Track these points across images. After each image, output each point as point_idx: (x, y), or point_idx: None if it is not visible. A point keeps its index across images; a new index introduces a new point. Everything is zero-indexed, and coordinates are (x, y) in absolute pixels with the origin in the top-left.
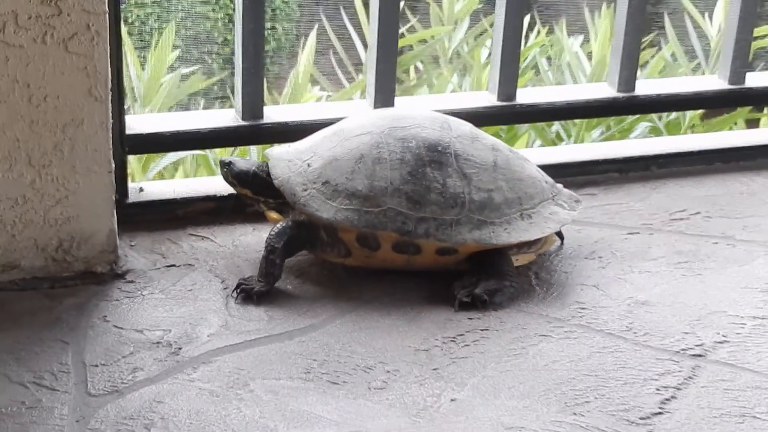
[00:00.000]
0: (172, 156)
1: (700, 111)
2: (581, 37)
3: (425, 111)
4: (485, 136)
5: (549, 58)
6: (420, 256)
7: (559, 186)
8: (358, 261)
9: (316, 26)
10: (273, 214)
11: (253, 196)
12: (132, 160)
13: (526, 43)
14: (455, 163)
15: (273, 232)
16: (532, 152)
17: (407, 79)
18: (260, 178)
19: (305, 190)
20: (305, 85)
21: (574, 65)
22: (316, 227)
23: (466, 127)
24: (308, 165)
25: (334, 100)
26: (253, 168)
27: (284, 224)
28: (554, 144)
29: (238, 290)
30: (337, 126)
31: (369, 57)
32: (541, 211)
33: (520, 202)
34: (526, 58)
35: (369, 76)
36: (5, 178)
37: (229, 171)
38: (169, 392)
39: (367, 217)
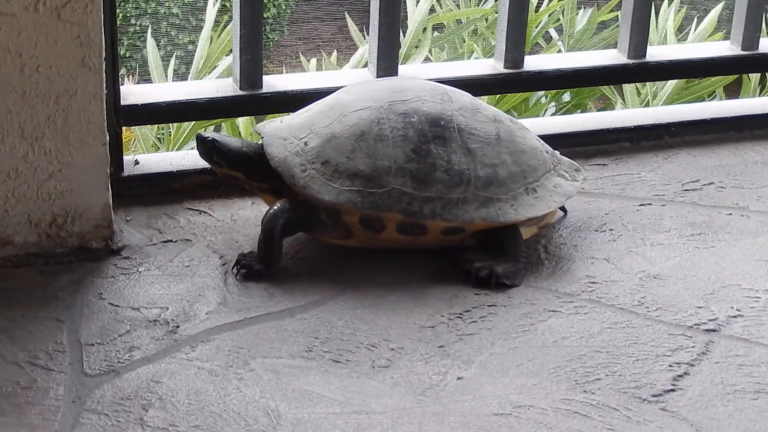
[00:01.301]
0: None
1: (724, 82)
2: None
3: (423, 81)
4: (486, 107)
5: (560, 28)
6: (425, 236)
7: (559, 155)
8: (360, 242)
9: None
10: (268, 197)
11: (245, 179)
12: None
13: (537, 9)
14: (459, 138)
15: (270, 214)
16: (541, 121)
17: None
18: (251, 158)
19: (304, 171)
20: None
21: (587, 35)
22: (316, 208)
23: (467, 98)
24: (305, 143)
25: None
26: (243, 147)
27: (281, 205)
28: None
29: (239, 266)
30: (333, 99)
31: (371, 23)
32: (545, 184)
33: (525, 176)
34: (537, 25)
35: (371, 44)
36: None
37: (213, 149)
38: (166, 372)
39: (371, 199)
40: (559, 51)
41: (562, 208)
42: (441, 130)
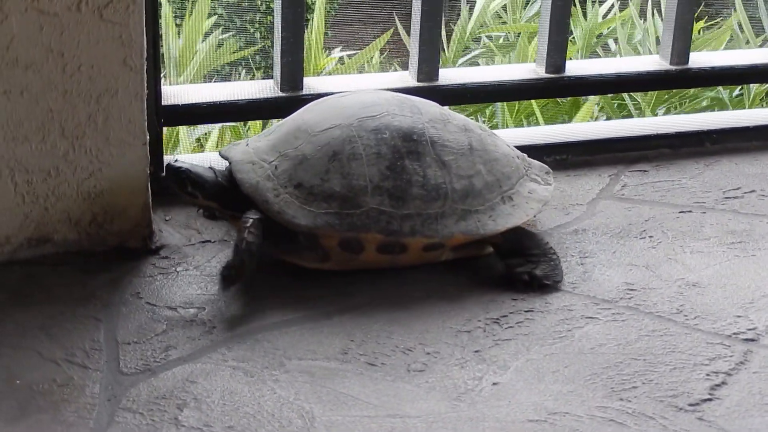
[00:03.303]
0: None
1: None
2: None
3: (389, 94)
4: (455, 116)
5: (615, 40)
6: (405, 255)
7: (528, 158)
8: (338, 265)
9: None
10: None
11: (220, 208)
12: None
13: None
14: (432, 151)
15: (246, 223)
16: (580, 126)
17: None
18: (225, 187)
19: (278, 196)
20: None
21: (646, 42)
22: (293, 232)
23: (435, 108)
24: (275, 167)
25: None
26: (217, 176)
27: (254, 215)
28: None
29: (221, 276)
30: (297, 120)
31: (413, 26)
32: (520, 191)
33: (500, 185)
34: (599, 34)
35: (413, 46)
36: (38, 149)
37: (188, 180)
38: (202, 372)
39: (349, 221)
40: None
41: None
42: (414, 145)
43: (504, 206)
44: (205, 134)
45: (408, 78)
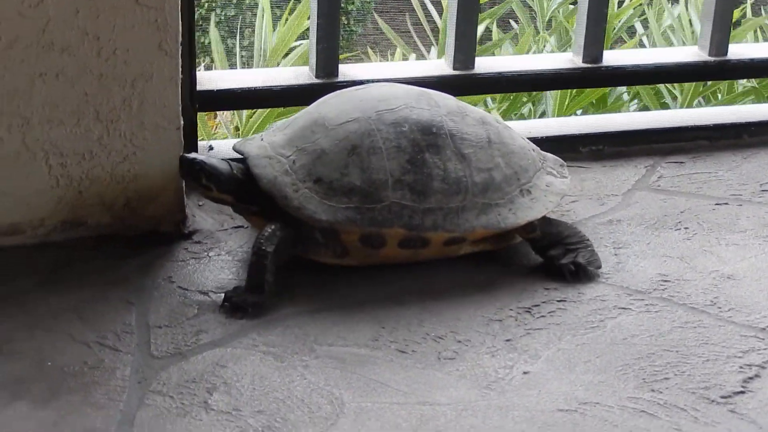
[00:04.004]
0: None
1: None
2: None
3: (405, 87)
4: (472, 110)
5: (645, 22)
6: (426, 249)
7: (542, 151)
8: (357, 260)
9: None
10: (258, 219)
11: (235, 202)
12: None
13: (621, 4)
14: (452, 144)
15: (260, 239)
16: (616, 117)
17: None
18: (241, 181)
19: (297, 191)
20: None
21: (676, 30)
22: (311, 229)
23: (452, 101)
24: (293, 161)
25: None
26: (233, 169)
27: (272, 228)
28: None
29: (230, 305)
30: (313, 113)
31: (449, 14)
32: (537, 184)
33: (518, 178)
34: (620, 19)
35: (449, 35)
36: (73, 132)
37: (202, 172)
38: (232, 356)
39: (370, 215)
40: (639, 45)
41: None
42: (434, 138)
43: (523, 199)
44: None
45: (444, 66)
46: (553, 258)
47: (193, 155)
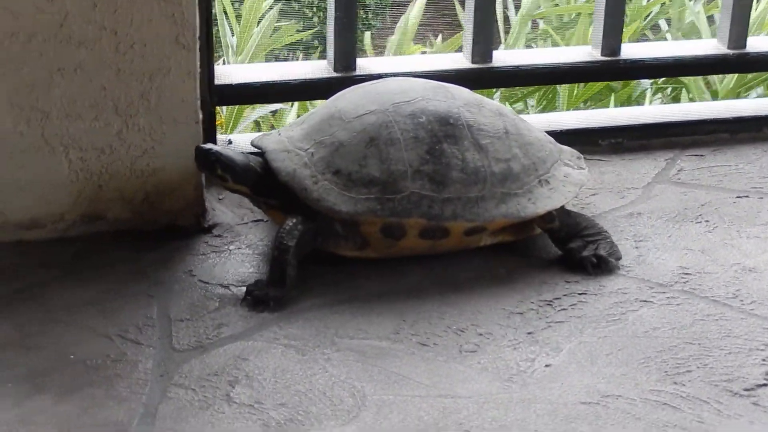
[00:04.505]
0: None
1: None
2: None
3: (420, 80)
4: (488, 101)
5: (669, 19)
6: (446, 240)
7: (560, 145)
8: (378, 252)
9: None
10: (277, 214)
11: (251, 194)
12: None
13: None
14: (470, 135)
15: (282, 232)
16: (636, 110)
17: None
18: (257, 173)
19: (316, 183)
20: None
21: (698, 25)
22: (331, 221)
23: (467, 92)
24: (312, 154)
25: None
26: (249, 161)
27: (293, 222)
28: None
29: (252, 299)
30: (330, 108)
31: (467, 8)
32: (555, 175)
33: (536, 168)
34: (647, 16)
35: (466, 28)
36: (92, 127)
37: (217, 162)
38: (254, 349)
39: (390, 205)
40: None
41: None
42: (451, 129)
43: (542, 189)
44: None
45: (462, 60)
46: (574, 251)
47: (209, 145)
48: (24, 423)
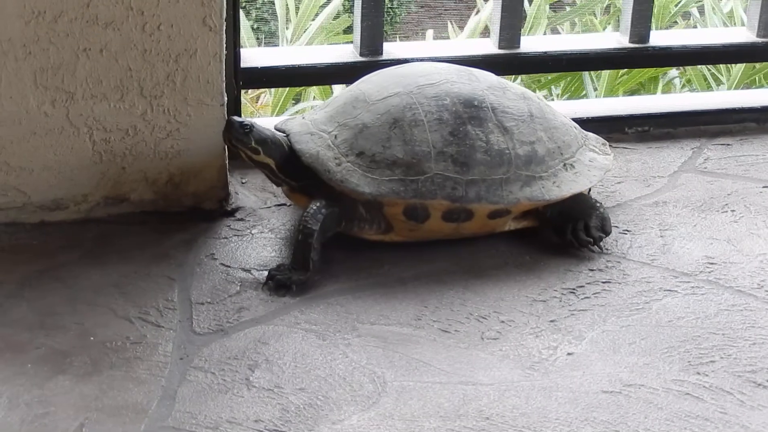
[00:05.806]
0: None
1: None
2: None
3: (444, 64)
4: (512, 85)
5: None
6: (470, 222)
7: (585, 131)
8: (401, 235)
9: None
10: (299, 196)
11: (275, 169)
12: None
13: None
14: (494, 117)
15: (306, 216)
16: (663, 98)
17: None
18: (285, 149)
19: (339, 164)
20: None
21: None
22: (354, 203)
23: (492, 76)
24: (335, 136)
25: None
26: (277, 136)
27: (317, 205)
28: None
29: (274, 282)
30: (354, 91)
31: None
32: (581, 159)
33: (561, 152)
34: (677, 3)
35: (494, 13)
36: (116, 108)
37: (252, 134)
38: (274, 334)
39: (413, 187)
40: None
41: None
42: (475, 111)
43: (567, 173)
44: None
45: (489, 45)
46: (567, 232)
47: (243, 118)
48: (43, 404)
